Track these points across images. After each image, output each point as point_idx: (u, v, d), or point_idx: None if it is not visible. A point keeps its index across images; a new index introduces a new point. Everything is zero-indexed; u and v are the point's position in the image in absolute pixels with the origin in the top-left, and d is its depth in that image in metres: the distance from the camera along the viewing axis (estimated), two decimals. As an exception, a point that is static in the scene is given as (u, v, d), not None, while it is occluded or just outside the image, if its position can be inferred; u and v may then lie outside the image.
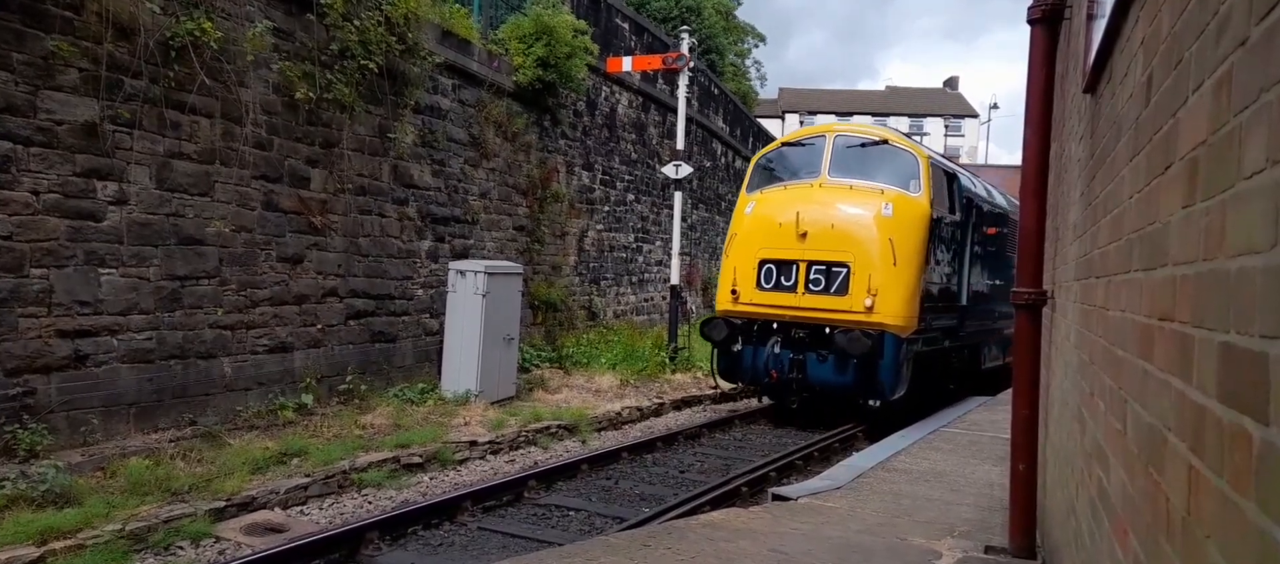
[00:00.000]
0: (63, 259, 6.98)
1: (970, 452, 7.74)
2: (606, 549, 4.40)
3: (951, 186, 11.04)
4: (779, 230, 10.12)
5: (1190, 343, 1.36)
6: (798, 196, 10.33)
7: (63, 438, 6.87)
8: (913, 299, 9.65)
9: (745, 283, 10.36)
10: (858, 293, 9.58)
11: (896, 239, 9.60)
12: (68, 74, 6.97)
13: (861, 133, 11.14)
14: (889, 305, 9.51)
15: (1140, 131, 1.97)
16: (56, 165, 6.91)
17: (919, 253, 9.77)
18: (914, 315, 9.67)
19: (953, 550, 4.58)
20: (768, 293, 10.20)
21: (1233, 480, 1.10)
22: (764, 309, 10.25)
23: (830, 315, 9.73)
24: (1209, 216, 1.30)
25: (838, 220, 9.89)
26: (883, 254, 9.57)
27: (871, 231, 9.73)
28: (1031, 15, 4.15)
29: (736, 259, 10.52)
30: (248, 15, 8.50)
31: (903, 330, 9.60)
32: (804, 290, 9.93)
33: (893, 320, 9.51)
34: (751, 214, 10.61)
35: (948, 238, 10.78)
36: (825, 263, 9.84)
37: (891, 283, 9.52)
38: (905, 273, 9.60)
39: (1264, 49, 1.05)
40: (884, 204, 9.86)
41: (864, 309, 9.52)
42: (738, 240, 10.61)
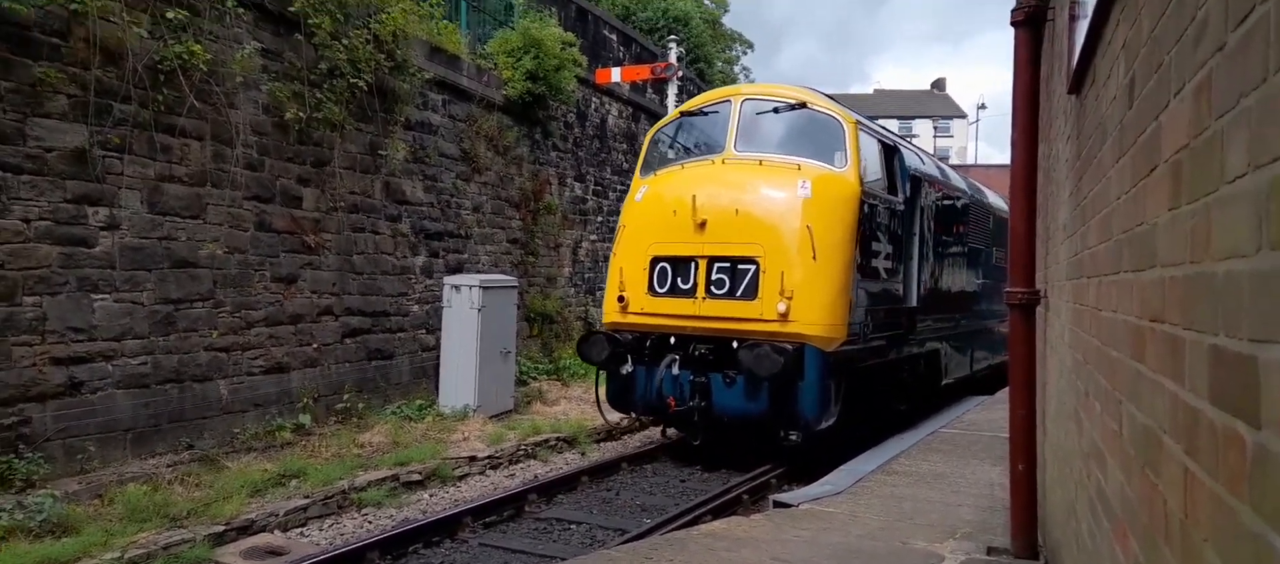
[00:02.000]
0: (55, 286, 6.95)
1: (969, 452, 7.74)
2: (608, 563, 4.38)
3: (892, 162, 9.02)
4: (673, 220, 8.12)
5: (1181, 345, 1.37)
6: (697, 177, 8.31)
7: (59, 466, 6.83)
8: (840, 301, 7.67)
9: (634, 288, 8.31)
10: (769, 296, 7.61)
11: (817, 226, 7.62)
12: (56, 101, 6.96)
13: (774, 94, 8.89)
14: (809, 310, 7.54)
15: (1125, 134, 1.98)
16: (47, 192, 6.90)
17: (847, 242, 7.77)
18: (842, 322, 7.69)
19: (955, 553, 4.58)
20: (662, 299, 8.18)
21: (1228, 484, 1.10)
22: (658, 320, 8.21)
23: (736, 326, 7.77)
24: (1195, 219, 1.30)
25: (744, 204, 7.90)
26: (800, 245, 7.60)
27: (785, 217, 7.76)
28: (1014, 17, 4.17)
29: (624, 258, 8.47)
30: (236, 37, 8.51)
31: (828, 341, 7.62)
32: (704, 295, 7.93)
33: (814, 329, 7.55)
34: (642, 201, 8.60)
35: (888, 224, 8.74)
36: (729, 259, 7.87)
37: (812, 281, 7.57)
38: (829, 268, 7.63)
39: (1241, 54, 1.06)
40: (801, 182, 7.85)
41: (777, 316, 7.53)
42: (625, 234, 8.58)
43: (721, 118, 8.82)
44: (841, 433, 8.20)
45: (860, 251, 7.98)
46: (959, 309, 11.41)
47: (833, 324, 7.66)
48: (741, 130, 8.55)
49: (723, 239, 7.90)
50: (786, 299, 7.55)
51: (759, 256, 7.75)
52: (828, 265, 7.65)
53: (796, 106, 8.60)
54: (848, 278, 7.77)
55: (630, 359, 8.34)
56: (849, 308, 7.76)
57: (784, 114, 8.64)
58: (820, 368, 7.60)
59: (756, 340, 7.53)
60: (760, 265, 7.72)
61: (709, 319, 7.95)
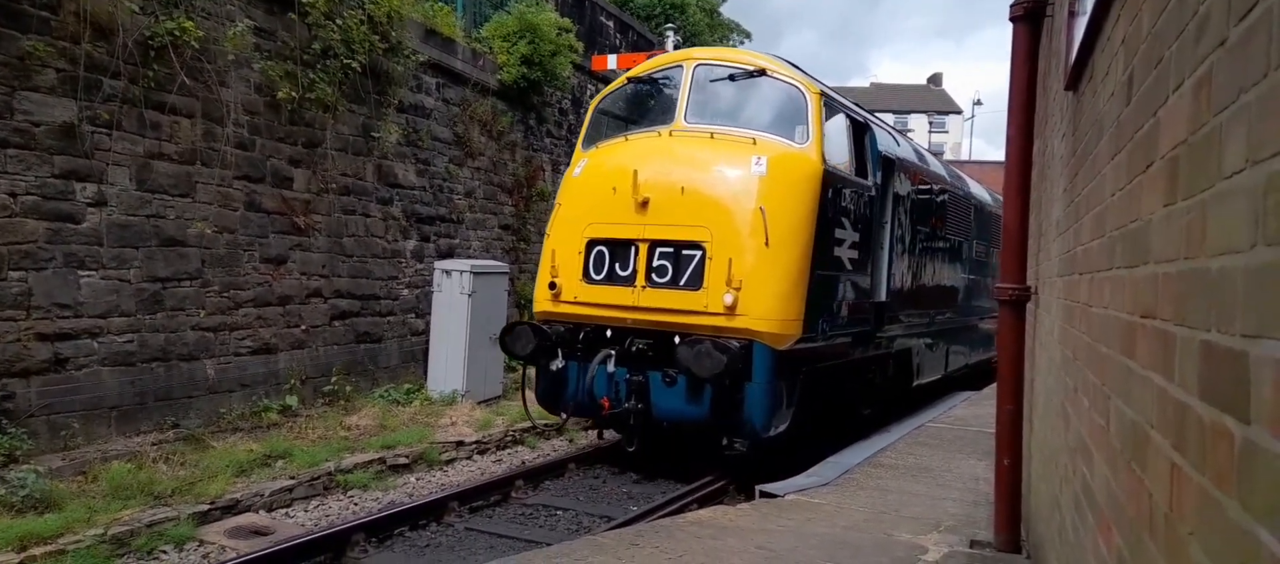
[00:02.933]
0: (41, 261, 6.89)
1: (956, 446, 7.78)
2: (594, 549, 4.39)
3: (862, 141, 8.20)
4: (613, 199, 7.23)
5: (1172, 341, 1.37)
6: (640, 151, 7.45)
7: (43, 442, 6.78)
8: (795, 293, 6.83)
9: (568, 274, 7.43)
10: (715, 286, 6.75)
11: (772, 208, 6.78)
12: (45, 74, 6.88)
13: (731, 60, 8.03)
14: (760, 302, 6.69)
15: (1121, 130, 1.99)
16: (34, 167, 6.82)
17: (805, 228, 6.94)
18: (797, 317, 6.84)
19: (939, 545, 4.61)
20: (598, 287, 7.28)
21: (1214, 478, 1.11)
22: (593, 311, 7.34)
23: (679, 319, 6.90)
24: (1190, 215, 1.31)
25: (691, 182, 7.04)
26: (751, 229, 6.77)
27: (735, 198, 6.92)
28: (1013, 12, 4.17)
29: (557, 240, 7.59)
30: (228, 14, 8.42)
31: (781, 338, 6.78)
32: (645, 283, 7.05)
33: (764, 324, 6.71)
34: (580, 176, 7.72)
35: (856, 210, 7.86)
36: (673, 243, 7.00)
37: (764, 270, 6.73)
38: (783, 256, 6.78)
39: (1243, 50, 1.06)
40: (755, 159, 7.00)
41: (723, 309, 6.69)
42: (560, 213, 7.68)
43: (672, 85, 7.90)
44: (797, 441, 7.37)
45: (821, 239, 7.10)
46: (934, 306, 10.61)
47: (786, 319, 6.79)
48: (693, 99, 7.66)
49: (666, 221, 7.01)
50: (734, 290, 6.65)
51: (706, 241, 6.85)
52: (782, 253, 6.78)
53: (755, 74, 7.68)
54: (805, 268, 6.91)
55: (561, 353, 7.41)
56: (806, 301, 6.89)
57: (741, 82, 7.73)
58: (770, 368, 6.72)
59: (700, 335, 6.68)
60: (707, 251, 6.84)
61: (649, 311, 7.04)
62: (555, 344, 7.40)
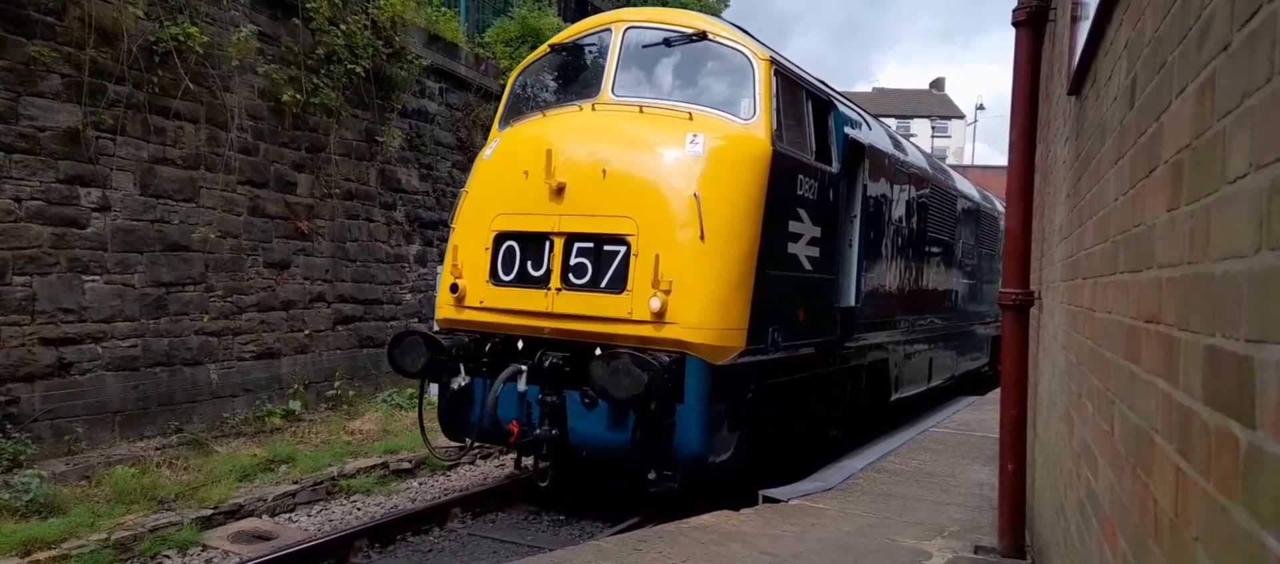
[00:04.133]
0: (46, 266, 6.91)
1: (959, 452, 7.77)
2: (597, 554, 4.39)
3: (824, 121, 7.10)
4: (524, 185, 6.13)
5: (1176, 345, 1.37)
6: (559, 128, 6.38)
7: (47, 447, 6.79)
8: (737, 296, 5.79)
9: (473, 274, 6.30)
10: (641, 288, 5.67)
11: (710, 195, 5.75)
12: (50, 80, 6.91)
13: (668, 21, 6.82)
14: (693, 308, 5.61)
15: (1125, 134, 1.99)
16: (39, 172, 6.85)
17: (751, 219, 5.91)
18: (740, 324, 5.80)
19: (943, 551, 4.59)
20: (508, 290, 6.15)
21: (1220, 484, 1.10)
22: (501, 318, 6.18)
23: (599, 328, 5.83)
24: (1194, 220, 1.30)
25: (614, 164, 5.95)
26: (684, 220, 5.72)
27: (666, 182, 5.85)
28: (1016, 17, 4.17)
29: (461, 234, 6.48)
30: (232, 20, 8.45)
31: (720, 351, 5.71)
32: (560, 284, 5.96)
33: (699, 333, 5.62)
34: (490, 158, 6.61)
35: (816, 200, 6.76)
36: (593, 236, 5.91)
37: (698, 269, 5.67)
38: (724, 252, 5.75)
39: (1246, 54, 1.06)
40: (691, 136, 5.94)
41: (650, 315, 5.60)
42: (467, 202, 6.56)
43: (599, 52, 6.82)
44: (745, 470, 6.22)
45: (771, 233, 6.07)
46: (915, 310, 9.50)
47: (725, 327, 5.71)
48: (623, 68, 6.57)
49: (586, 210, 5.94)
50: (662, 293, 5.58)
51: (631, 235, 5.78)
52: (721, 249, 5.71)
53: (695, 38, 6.54)
54: (749, 266, 5.84)
55: (464, 369, 6.25)
56: (752, 306, 5.83)
57: (679, 48, 6.63)
58: (706, 387, 5.63)
59: (624, 347, 5.60)
60: (632, 246, 5.76)
61: (566, 318, 5.94)
62: (455, 357, 6.21)
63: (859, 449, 7.76)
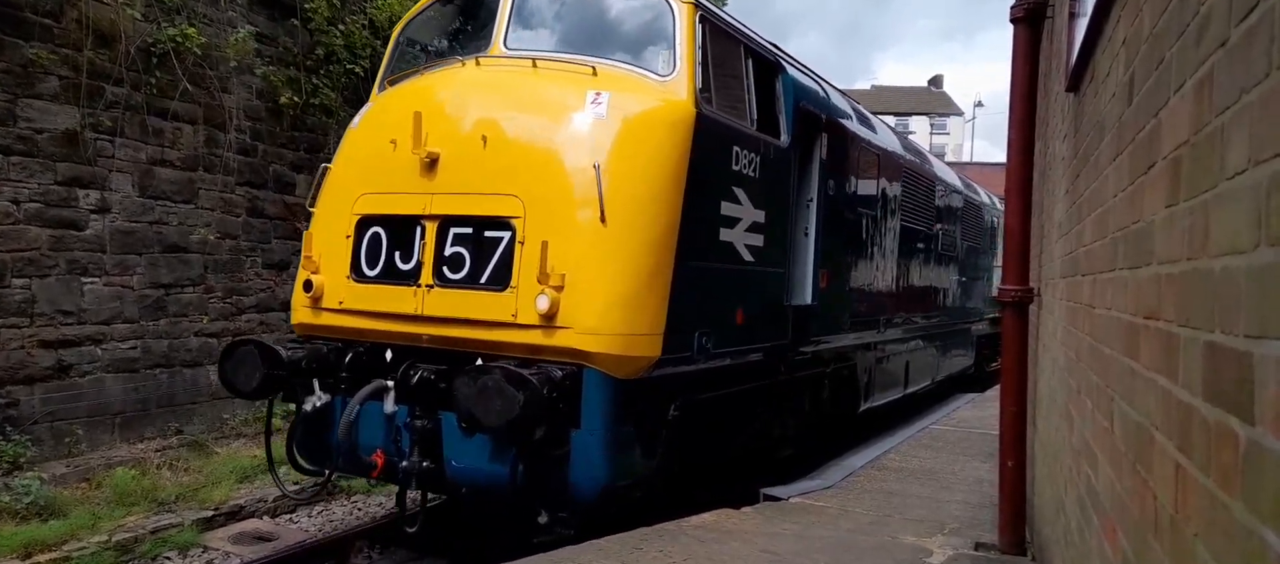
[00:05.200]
0: (45, 268, 6.91)
1: (959, 449, 7.77)
2: (598, 553, 4.39)
3: (769, 84, 6.00)
4: (391, 157, 5.09)
5: (1176, 342, 1.37)
6: (433, 89, 5.30)
7: (47, 449, 6.79)
8: (651, 294, 4.73)
9: (332, 268, 5.23)
10: (527, 283, 4.60)
11: (614, 167, 4.71)
12: (47, 82, 6.90)
13: None
14: (592, 308, 4.56)
15: (1123, 131, 1.98)
16: (37, 174, 6.84)
17: (668, 198, 4.85)
18: (654, 329, 4.72)
19: (943, 548, 4.60)
20: (373, 288, 5.07)
21: (1219, 479, 1.10)
22: (365, 323, 5.11)
23: (479, 333, 4.75)
24: (1193, 216, 1.30)
25: (497, 130, 4.93)
26: (581, 198, 4.69)
27: (560, 152, 4.84)
28: (1014, 14, 4.17)
29: (319, 220, 5.42)
30: (230, 21, 8.45)
31: (627, 362, 4.63)
32: (433, 280, 4.90)
33: (601, 341, 4.56)
34: (359, 128, 5.56)
35: (758, 177, 5.64)
36: (471, 220, 4.86)
37: (599, 259, 4.63)
38: (632, 239, 4.69)
39: (1244, 50, 1.05)
40: (593, 96, 4.91)
41: (538, 318, 4.55)
42: (329, 182, 5.46)
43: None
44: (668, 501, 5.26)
45: (697, 215, 5.02)
46: (887, 308, 8.45)
47: (633, 332, 4.63)
48: (517, 16, 5.50)
49: (463, 186, 4.88)
50: (553, 289, 4.50)
51: (516, 217, 4.70)
52: (629, 234, 4.66)
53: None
54: (666, 256, 4.79)
55: (318, 386, 5.09)
56: (669, 305, 4.76)
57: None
58: (609, 406, 4.59)
59: (509, 357, 4.61)
60: (517, 232, 4.69)
61: (440, 322, 4.87)
62: (306, 372, 5.07)
63: (859, 447, 7.76)
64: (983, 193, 13.86)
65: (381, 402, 4.95)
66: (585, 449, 4.61)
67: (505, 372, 4.31)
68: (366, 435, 4.99)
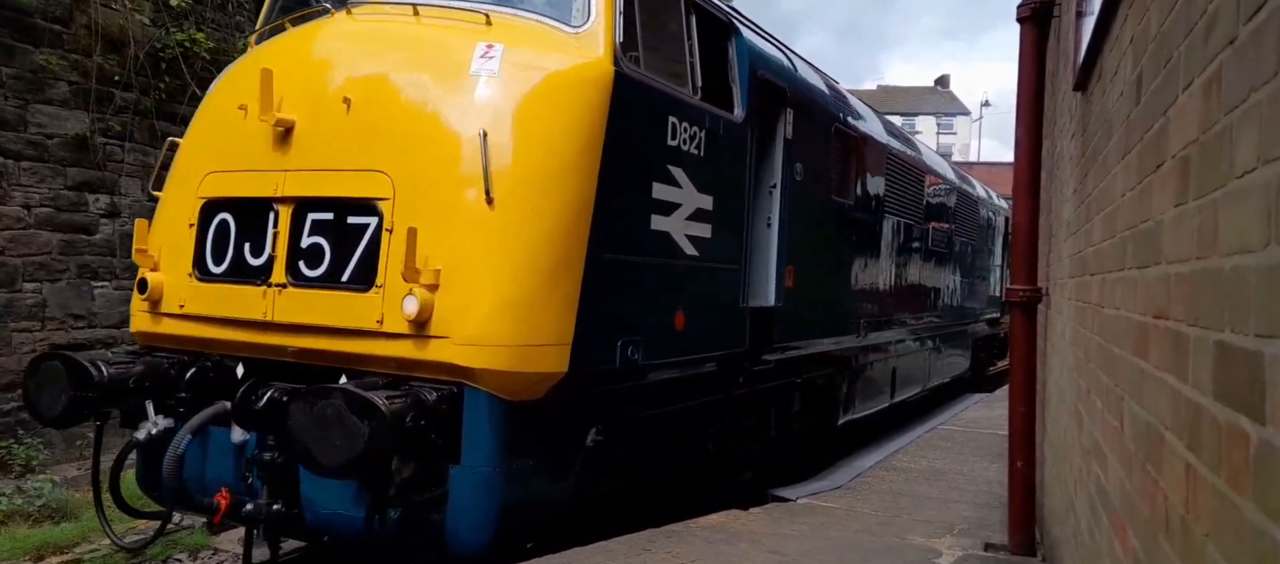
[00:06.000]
0: (55, 272, 6.96)
1: (968, 449, 7.75)
2: (606, 555, 4.39)
3: (719, 48, 5.22)
4: (242, 127, 4.23)
5: (1185, 341, 1.36)
6: (293, 44, 4.49)
7: (58, 452, 6.84)
8: (554, 293, 3.89)
9: (174, 263, 4.39)
10: (394, 281, 3.78)
11: (506, 136, 3.89)
12: (57, 87, 6.95)
13: None
14: (475, 312, 3.73)
15: (1131, 130, 1.98)
16: (47, 179, 6.89)
17: (576, 174, 3.98)
18: (562, 337, 3.91)
19: (952, 549, 4.58)
20: (218, 286, 4.23)
21: (1230, 480, 1.10)
22: (210, 331, 4.26)
23: (339, 344, 3.94)
24: (1202, 215, 1.30)
25: (362, 92, 4.07)
26: (463, 174, 3.85)
27: (437, 118, 4.00)
28: (1020, 13, 4.16)
29: (163, 206, 4.59)
30: (238, 25, 8.49)
31: (525, 379, 3.81)
32: (286, 277, 4.05)
33: (487, 355, 3.72)
34: (213, 93, 4.72)
35: (703, 155, 4.84)
36: (332, 202, 4.01)
37: (485, 251, 3.80)
38: (528, 225, 3.86)
39: (1253, 48, 1.05)
40: (483, 50, 4.03)
41: (408, 325, 3.72)
42: (178, 160, 4.62)
43: None
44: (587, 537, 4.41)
45: (621, 198, 4.21)
46: (870, 310, 7.70)
47: (530, 341, 3.77)
48: None
49: (321, 162, 4.04)
50: (425, 288, 3.68)
51: (383, 199, 3.87)
52: (522, 219, 3.81)
53: None
54: (575, 246, 3.93)
55: (152, 409, 4.23)
56: (580, 307, 3.93)
57: None
58: (498, 435, 3.76)
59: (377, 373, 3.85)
60: (385, 217, 3.85)
61: (294, 331, 4.02)
62: (137, 391, 4.18)
63: (868, 447, 7.75)
64: (979, 187, 13.27)
65: (228, 431, 4.09)
66: (466, 491, 3.75)
67: (348, 396, 3.42)
68: (213, 470, 4.16)
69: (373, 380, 3.76)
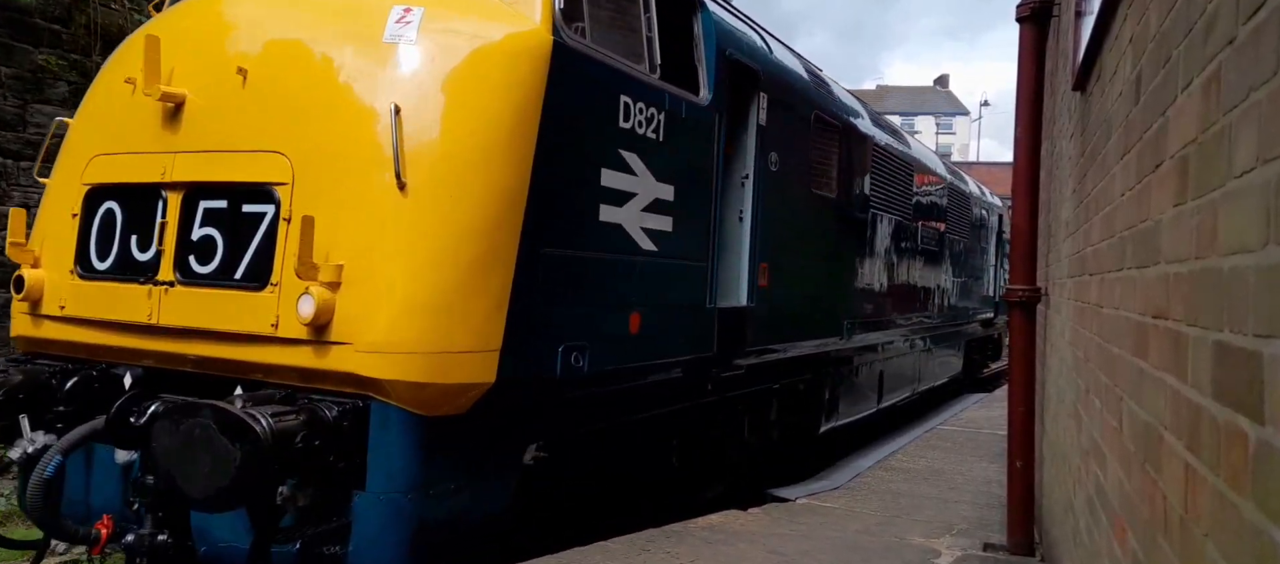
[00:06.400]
0: (54, 273, 6.96)
1: (967, 449, 7.75)
2: (605, 555, 4.39)
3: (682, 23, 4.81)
4: (129, 103, 3.85)
5: (1184, 341, 1.36)
6: (190, 10, 4.06)
7: None
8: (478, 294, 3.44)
9: (56, 258, 3.98)
10: (290, 278, 3.34)
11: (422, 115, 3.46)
12: (57, 87, 6.95)
13: None
14: (383, 313, 3.30)
15: (1130, 129, 1.98)
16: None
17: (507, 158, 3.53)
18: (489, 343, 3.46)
19: (952, 549, 4.59)
20: (102, 284, 3.82)
21: (1229, 479, 1.10)
22: (93, 334, 3.83)
23: (231, 352, 3.53)
24: (1200, 215, 1.30)
25: (261, 62, 3.69)
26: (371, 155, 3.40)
27: (342, 90, 3.59)
28: (1020, 13, 4.17)
29: (47, 196, 4.19)
30: (237, 25, 8.51)
31: (443, 392, 3.37)
32: (174, 275, 3.64)
33: (398, 364, 3.28)
34: (107, 67, 4.31)
35: (662, 140, 4.42)
36: (225, 188, 3.60)
37: (396, 243, 3.36)
38: (446, 215, 3.41)
39: (1252, 48, 1.05)
40: (399, 15, 3.62)
41: (306, 329, 3.29)
42: (67, 143, 4.21)
43: None
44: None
45: (564, 185, 3.79)
46: (856, 310, 7.35)
47: (449, 347, 3.35)
48: None
49: (215, 141, 3.64)
50: (324, 287, 3.27)
51: (281, 184, 3.46)
52: (440, 206, 3.39)
53: None
54: (507, 238, 3.49)
55: (27, 424, 3.72)
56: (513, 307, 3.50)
57: None
58: (413, 457, 3.35)
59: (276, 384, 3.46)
60: (283, 205, 3.44)
61: (180, 335, 3.61)
62: (8, 403, 3.68)
63: (867, 447, 7.75)
64: (971, 183, 12.89)
65: (112, 453, 3.69)
66: (372, 520, 3.30)
67: (219, 413, 3.00)
68: (98, 494, 3.77)
69: (268, 394, 3.32)
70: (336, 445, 3.26)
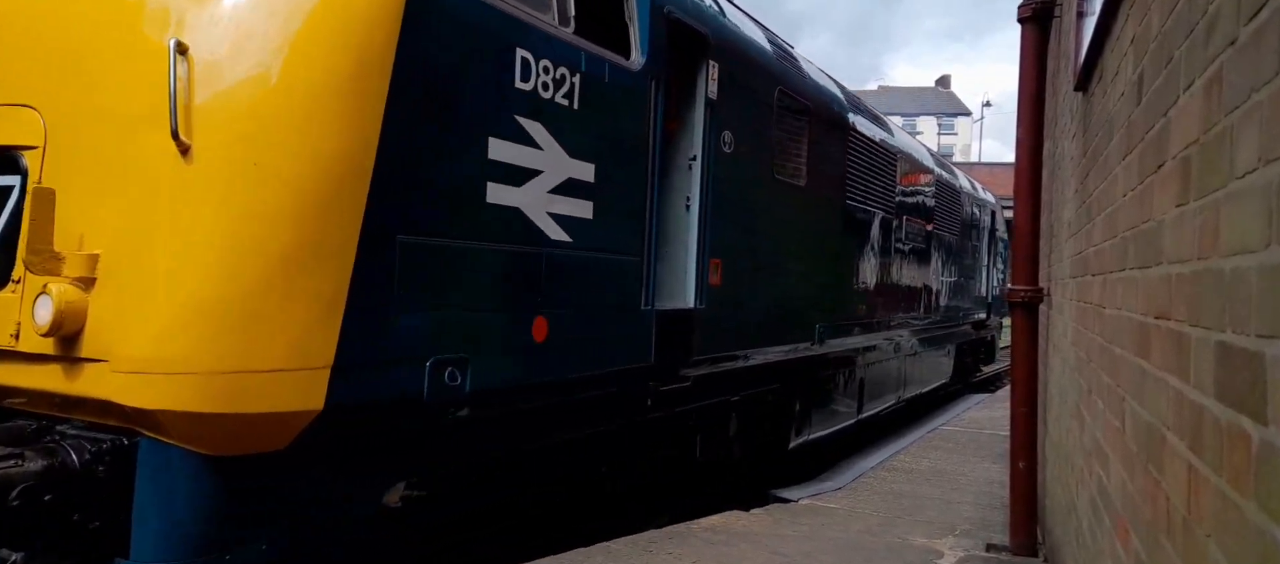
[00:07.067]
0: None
1: (970, 450, 7.75)
2: (608, 556, 4.39)
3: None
4: None
5: (1187, 342, 1.36)
6: None
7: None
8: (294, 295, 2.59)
9: None
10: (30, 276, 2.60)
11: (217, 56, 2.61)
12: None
13: None
14: (152, 321, 2.48)
15: (1132, 130, 1.98)
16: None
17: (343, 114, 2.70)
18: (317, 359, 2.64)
19: (954, 549, 4.58)
20: None
21: (1232, 480, 1.10)
22: None
23: None
24: (1203, 215, 1.30)
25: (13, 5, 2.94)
26: (144, 111, 2.57)
27: (111, 30, 2.73)
28: (1021, 14, 4.17)
29: None
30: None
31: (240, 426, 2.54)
32: None
33: (168, 390, 2.44)
34: None
35: (578, 109, 3.72)
36: None
37: (172, 224, 2.52)
38: (250, 187, 2.57)
39: (1253, 49, 1.05)
40: None
41: (53, 344, 2.53)
42: None
43: None
44: None
45: (433, 155, 3.09)
46: (830, 312, 6.68)
47: (250, 364, 2.57)
48: None
49: None
50: (73, 285, 2.55)
51: (31, 148, 2.79)
52: (236, 175, 2.61)
53: None
54: (345, 219, 2.75)
55: None
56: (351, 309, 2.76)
57: None
58: (196, 510, 2.62)
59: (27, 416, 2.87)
60: (32, 175, 2.77)
61: None
62: None
63: (869, 448, 7.75)
64: (963, 178, 12.23)
65: None
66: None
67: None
68: None
69: (20, 427, 2.65)
70: (88, 500, 2.52)
